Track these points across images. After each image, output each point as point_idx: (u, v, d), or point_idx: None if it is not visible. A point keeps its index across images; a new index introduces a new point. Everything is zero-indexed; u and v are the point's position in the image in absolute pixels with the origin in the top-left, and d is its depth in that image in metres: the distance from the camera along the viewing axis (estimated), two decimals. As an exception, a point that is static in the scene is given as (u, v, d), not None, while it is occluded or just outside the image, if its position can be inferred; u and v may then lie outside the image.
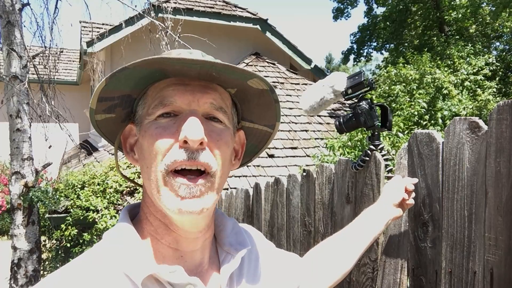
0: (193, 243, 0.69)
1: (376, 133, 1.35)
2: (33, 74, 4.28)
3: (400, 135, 4.19)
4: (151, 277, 0.63)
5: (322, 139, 6.24)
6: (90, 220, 4.28)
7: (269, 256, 0.84)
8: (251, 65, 7.99)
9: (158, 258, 0.67)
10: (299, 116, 6.87)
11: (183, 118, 0.62)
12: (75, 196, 4.44)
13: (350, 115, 1.37)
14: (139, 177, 4.25)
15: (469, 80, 8.13)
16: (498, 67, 10.90)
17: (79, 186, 4.55)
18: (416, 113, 5.64)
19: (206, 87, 0.66)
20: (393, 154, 3.51)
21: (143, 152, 0.66)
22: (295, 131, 6.51)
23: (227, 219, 0.79)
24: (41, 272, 4.25)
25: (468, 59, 9.16)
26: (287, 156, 5.91)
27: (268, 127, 0.79)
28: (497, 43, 13.48)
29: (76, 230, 4.31)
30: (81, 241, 4.35)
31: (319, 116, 6.99)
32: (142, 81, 0.65)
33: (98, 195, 4.50)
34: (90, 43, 6.78)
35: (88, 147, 5.94)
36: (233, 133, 0.71)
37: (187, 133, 0.60)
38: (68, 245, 4.34)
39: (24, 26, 4.35)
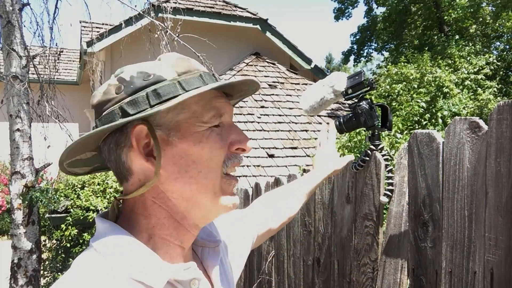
0: (192, 238, 0.72)
1: (376, 133, 1.35)
2: (33, 74, 4.28)
3: (398, 135, 4.18)
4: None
5: (322, 139, 6.23)
6: (90, 220, 4.28)
7: (224, 232, 0.88)
8: (251, 65, 7.99)
9: (167, 259, 0.67)
10: (299, 116, 6.87)
11: (229, 128, 0.71)
12: (75, 196, 4.44)
13: (350, 115, 1.37)
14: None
15: (469, 79, 8.13)
16: (499, 67, 10.90)
17: (79, 186, 4.55)
18: (415, 113, 5.63)
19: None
20: (392, 155, 3.51)
21: (190, 157, 0.66)
22: (295, 131, 6.51)
23: None
24: (41, 272, 4.25)
25: (468, 58, 9.15)
26: (287, 156, 5.91)
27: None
28: (498, 43, 13.48)
29: (76, 230, 4.30)
30: (81, 241, 4.35)
31: (319, 116, 6.99)
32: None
33: (98, 195, 4.49)
34: (90, 43, 6.78)
35: (88, 147, 5.92)
36: None
37: (247, 143, 0.70)
38: (68, 245, 4.34)
39: (24, 26, 4.35)
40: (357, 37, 15.26)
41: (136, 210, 0.68)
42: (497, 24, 12.20)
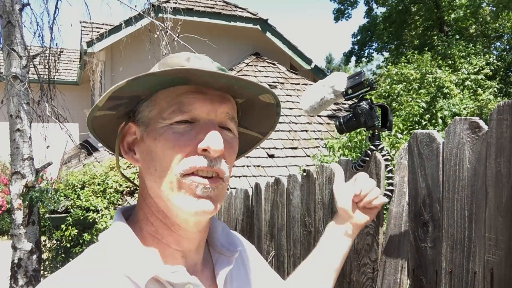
0: (192, 243, 0.71)
1: (376, 133, 1.35)
2: (33, 74, 4.28)
3: (399, 135, 4.18)
4: (152, 278, 0.63)
5: (322, 139, 6.24)
6: (90, 220, 4.28)
7: (258, 261, 0.88)
8: (251, 65, 7.99)
9: (158, 259, 0.67)
10: (299, 116, 6.87)
11: (200, 126, 0.65)
12: (75, 196, 4.44)
13: (351, 115, 1.37)
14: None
15: (469, 79, 8.13)
16: (499, 67, 10.91)
17: (79, 186, 4.55)
18: (415, 113, 5.63)
19: (223, 97, 0.68)
20: (392, 155, 3.51)
21: (151, 154, 0.66)
22: (295, 131, 6.51)
23: (217, 222, 0.82)
24: (41, 272, 4.25)
25: (468, 58, 9.16)
26: (287, 156, 5.91)
27: (260, 134, 0.82)
28: (498, 43, 13.49)
29: (76, 230, 4.31)
30: (81, 241, 4.35)
31: (319, 116, 6.99)
32: (159, 85, 0.67)
33: (98, 195, 4.50)
34: (90, 43, 6.78)
35: (88, 147, 5.93)
36: None
37: (210, 143, 0.63)
38: (68, 245, 4.34)
39: (24, 26, 4.35)
40: (358, 37, 15.27)
41: (137, 204, 0.73)
42: (497, 24, 12.20)
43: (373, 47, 15.60)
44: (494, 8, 11.40)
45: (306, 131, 6.59)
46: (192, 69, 0.62)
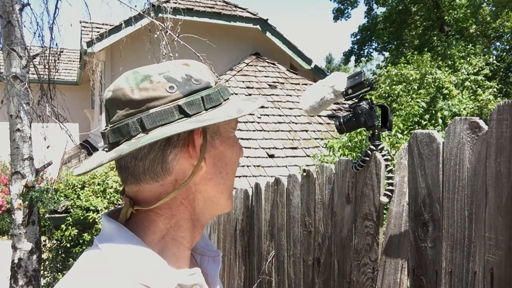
0: (196, 241, 0.73)
1: (376, 133, 1.35)
2: (33, 74, 4.28)
3: (399, 135, 4.18)
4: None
5: (322, 139, 6.24)
6: (90, 220, 4.28)
7: None
8: (251, 65, 7.99)
9: (173, 261, 0.66)
10: (299, 116, 6.87)
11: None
12: (75, 196, 4.44)
13: (351, 115, 1.37)
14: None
15: (469, 80, 8.13)
16: (499, 67, 10.91)
17: (79, 186, 4.55)
18: (415, 113, 5.64)
19: None
20: (393, 155, 3.51)
21: (225, 160, 0.71)
22: (295, 131, 6.51)
23: None
24: (41, 272, 4.25)
25: (468, 59, 9.16)
26: (287, 156, 5.91)
27: None
28: (498, 43, 13.49)
29: (76, 230, 4.31)
30: (81, 241, 4.35)
31: (319, 116, 6.99)
32: None
33: (98, 195, 4.50)
34: (90, 43, 6.78)
35: (88, 147, 5.93)
36: None
37: (243, 152, 0.76)
38: (68, 245, 4.34)
39: (24, 26, 4.35)
40: (358, 37, 15.27)
41: (157, 210, 0.66)
42: (497, 24, 12.21)
43: (373, 46, 15.61)
44: (494, 8, 11.40)
45: (306, 131, 6.59)
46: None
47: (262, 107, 6.83)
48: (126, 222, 0.67)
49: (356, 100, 1.35)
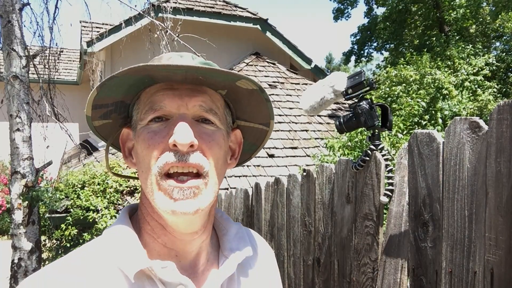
0: (189, 245, 0.70)
1: (376, 133, 1.35)
2: (33, 74, 4.28)
3: (399, 135, 4.18)
4: (144, 273, 0.64)
5: (322, 139, 6.24)
6: (90, 220, 4.28)
7: (270, 275, 0.84)
8: (251, 65, 7.99)
9: (153, 256, 0.68)
10: (299, 116, 6.87)
11: (173, 122, 0.64)
12: (75, 196, 4.44)
13: (351, 115, 1.37)
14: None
15: (469, 80, 8.13)
16: (498, 67, 10.91)
17: (79, 186, 4.55)
18: (415, 113, 5.64)
19: (194, 90, 0.67)
20: (393, 155, 3.51)
21: (138, 157, 0.68)
22: (295, 131, 6.51)
23: (231, 224, 0.79)
24: (41, 272, 4.25)
25: (468, 59, 9.16)
26: (287, 156, 5.91)
27: (263, 125, 0.79)
28: (497, 43, 13.49)
29: (76, 230, 4.31)
30: (81, 241, 4.35)
31: (319, 116, 6.99)
32: (133, 87, 0.67)
33: (98, 195, 4.50)
34: (90, 43, 6.78)
35: (88, 147, 5.93)
36: (227, 133, 0.72)
37: (175, 137, 0.62)
38: (68, 245, 4.34)
39: (24, 26, 4.35)
40: (358, 37, 15.28)
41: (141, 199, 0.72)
42: (497, 24, 12.20)
43: (373, 46, 15.61)
44: (494, 8, 11.39)
45: (306, 130, 6.59)
46: (145, 65, 0.61)
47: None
48: None
49: (356, 100, 1.35)
